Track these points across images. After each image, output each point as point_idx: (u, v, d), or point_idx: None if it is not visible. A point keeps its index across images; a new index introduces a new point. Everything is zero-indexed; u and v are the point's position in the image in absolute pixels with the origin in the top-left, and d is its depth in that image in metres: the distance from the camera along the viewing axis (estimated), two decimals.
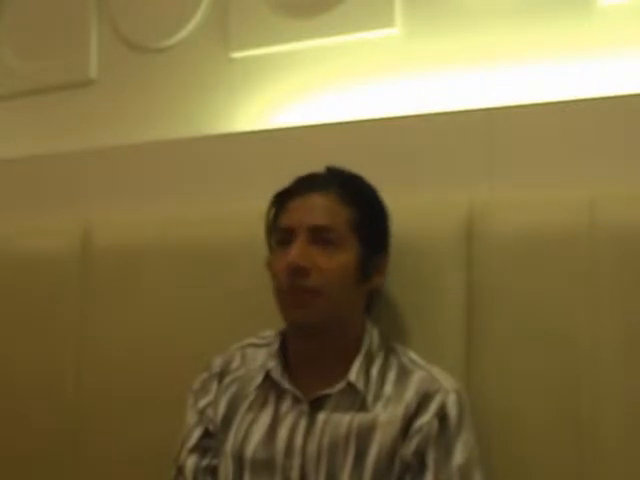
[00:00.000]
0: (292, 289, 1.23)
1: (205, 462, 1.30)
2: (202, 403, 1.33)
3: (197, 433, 1.31)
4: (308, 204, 1.26)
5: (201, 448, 1.30)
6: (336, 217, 1.24)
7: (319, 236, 1.23)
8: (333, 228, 1.24)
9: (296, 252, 1.22)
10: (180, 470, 1.31)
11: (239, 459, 1.25)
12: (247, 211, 1.46)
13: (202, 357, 1.38)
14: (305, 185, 1.29)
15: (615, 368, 1.25)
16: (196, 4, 1.84)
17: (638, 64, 1.38)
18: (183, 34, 1.86)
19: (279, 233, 1.28)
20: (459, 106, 1.50)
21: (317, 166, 1.33)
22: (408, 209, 1.37)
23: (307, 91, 1.70)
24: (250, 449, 1.25)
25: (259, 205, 1.34)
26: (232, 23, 1.78)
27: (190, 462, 1.30)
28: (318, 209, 1.25)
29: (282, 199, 1.30)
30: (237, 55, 1.79)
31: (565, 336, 1.28)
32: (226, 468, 1.26)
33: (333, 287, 1.22)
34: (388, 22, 1.61)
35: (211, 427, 1.31)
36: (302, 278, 1.21)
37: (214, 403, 1.31)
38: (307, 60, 1.70)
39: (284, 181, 1.32)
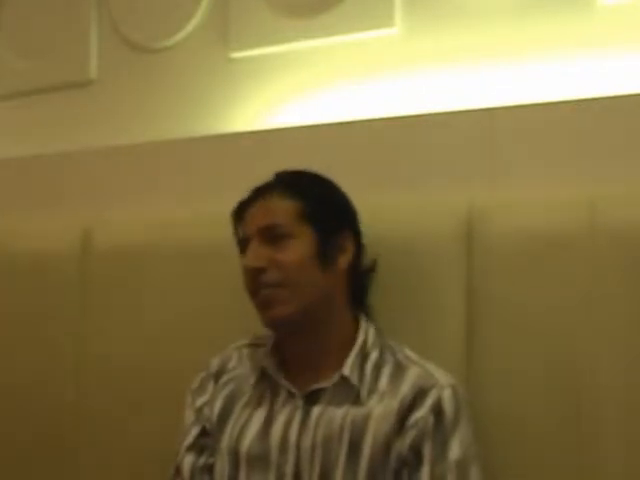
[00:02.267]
0: (256, 290, 1.26)
1: (202, 461, 1.30)
2: (199, 402, 1.33)
3: (194, 432, 1.32)
4: (254, 211, 1.30)
5: (198, 447, 1.31)
6: (281, 212, 1.27)
7: (270, 234, 1.26)
8: (279, 223, 1.26)
9: (250, 255, 1.26)
10: (178, 470, 1.31)
11: (235, 455, 1.26)
12: None
13: (202, 357, 1.38)
14: (254, 194, 1.33)
15: (616, 368, 1.24)
16: (196, 4, 1.84)
17: (638, 64, 1.38)
18: (183, 34, 1.86)
19: (240, 245, 1.32)
20: (459, 106, 1.50)
21: (317, 166, 1.33)
22: (408, 209, 1.37)
23: (307, 91, 1.69)
24: (245, 445, 1.25)
25: None
26: (232, 23, 1.79)
27: (187, 461, 1.31)
28: (262, 211, 1.29)
29: (238, 213, 1.34)
30: (237, 55, 1.79)
31: (565, 336, 1.28)
32: (222, 464, 1.27)
33: (294, 277, 1.24)
34: (387, 22, 1.61)
35: (208, 426, 1.31)
36: (262, 277, 1.25)
37: (210, 402, 1.32)
38: (307, 60, 1.70)
39: None
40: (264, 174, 1.62)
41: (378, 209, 1.33)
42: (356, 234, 1.33)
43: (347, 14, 1.65)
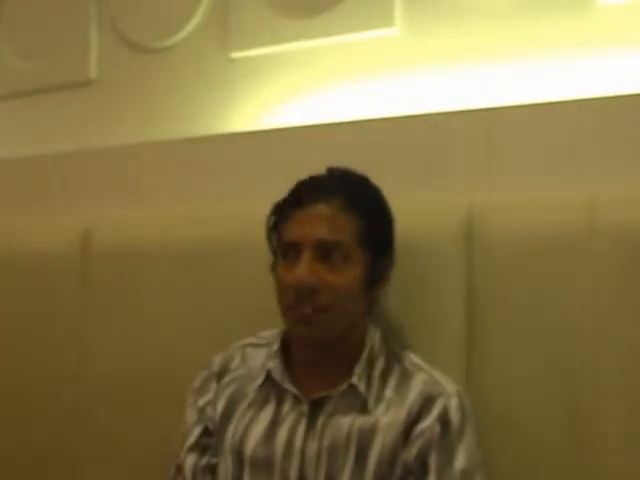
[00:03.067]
0: (299, 307, 1.21)
1: (204, 461, 1.30)
2: (201, 402, 1.32)
3: (196, 431, 1.31)
4: (313, 216, 1.22)
5: (200, 446, 1.30)
6: (343, 230, 1.21)
7: (327, 250, 1.20)
8: (340, 242, 1.21)
9: (303, 270, 1.19)
10: (179, 469, 1.31)
11: (238, 456, 1.25)
12: (246, 211, 1.46)
13: (202, 357, 1.37)
14: (308, 193, 1.25)
15: (616, 368, 1.24)
16: (196, 4, 1.84)
17: (638, 64, 1.38)
18: (183, 34, 1.86)
19: (284, 246, 1.24)
20: (459, 106, 1.50)
21: (317, 166, 1.32)
22: (408, 210, 1.36)
23: (307, 91, 1.69)
24: (249, 447, 1.25)
25: (259, 205, 1.34)
26: (232, 23, 1.78)
27: (189, 461, 1.30)
28: (324, 222, 1.21)
29: (285, 209, 1.26)
30: (237, 55, 1.79)
31: (565, 336, 1.28)
32: (226, 465, 1.27)
33: (341, 303, 1.21)
34: (388, 22, 1.61)
35: (210, 425, 1.31)
36: (310, 296, 1.19)
37: (213, 402, 1.31)
38: (307, 60, 1.70)
39: (284, 181, 1.31)
40: (264, 174, 1.63)
41: None
42: (394, 259, 1.30)
43: (347, 14, 1.64)
